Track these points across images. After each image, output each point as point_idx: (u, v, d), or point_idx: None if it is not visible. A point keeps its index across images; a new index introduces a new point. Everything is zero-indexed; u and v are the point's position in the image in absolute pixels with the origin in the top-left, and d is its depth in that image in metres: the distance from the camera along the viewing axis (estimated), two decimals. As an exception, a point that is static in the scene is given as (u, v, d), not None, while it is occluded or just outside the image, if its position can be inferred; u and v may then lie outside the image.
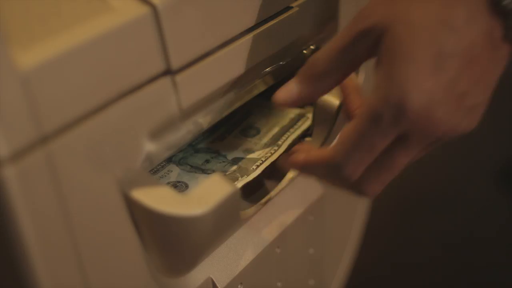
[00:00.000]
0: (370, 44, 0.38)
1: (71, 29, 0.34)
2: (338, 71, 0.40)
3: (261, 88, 0.50)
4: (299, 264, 0.58)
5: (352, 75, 0.43)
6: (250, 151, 0.51)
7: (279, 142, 0.52)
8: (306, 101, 0.42)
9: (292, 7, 0.48)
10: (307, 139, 0.55)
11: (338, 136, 0.39)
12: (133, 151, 0.39)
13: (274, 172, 0.52)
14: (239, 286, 0.49)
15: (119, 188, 0.38)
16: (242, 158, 0.51)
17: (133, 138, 0.39)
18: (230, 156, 0.51)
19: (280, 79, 0.52)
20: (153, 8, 0.37)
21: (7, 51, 0.31)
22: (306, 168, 0.42)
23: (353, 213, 0.67)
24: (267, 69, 0.49)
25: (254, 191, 0.51)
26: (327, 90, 0.42)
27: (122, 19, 0.36)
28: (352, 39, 0.38)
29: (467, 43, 0.36)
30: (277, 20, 0.47)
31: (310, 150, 0.42)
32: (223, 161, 0.51)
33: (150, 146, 0.40)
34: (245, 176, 0.48)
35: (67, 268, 0.36)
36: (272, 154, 0.50)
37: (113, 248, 0.39)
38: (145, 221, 0.39)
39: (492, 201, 1.24)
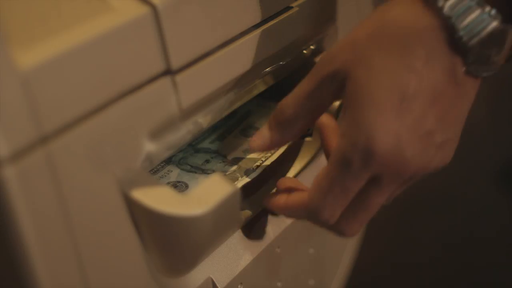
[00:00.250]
0: (334, 88, 0.38)
1: (71, 29, 0.34)
2: (306, 116, 0.41)
3: (261, 88, 0.50)
4: (299, 264, 0.58)
5: (329, 116, 0.45)
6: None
7: None
8: (280, 145, 0.43)
9: (292, 7, 0.48)
10: (307, 139, 0.55)
11: (313, 180, 0.40)
12: (133, 151, 0.39)
13: (274, 172, 0.52)
14: (239, 286, 0.49)
15: (119, 188, 0.38)
16: (242, 158, 0.51)
17: (133, 138, 0.39)
18: (230, 156, 0.51)
19: (280, 79, 0.52)
20: (153, 8, 0.37)
21: (7, 51, 0.31)
22: (287, 212, 0.43)
23: (353, 213, 0.67)
24: (267, 69, 0.49)
25: (254, 191, 0.51)
26: (298, 134, 0.43)
27: (122, 19, 0.36)
28: (317, 85, 0.39)
29: (429, 82, 0.36)
30: (277, 20, 0.47)
31: (290, 193, 0.43)
32: (223, 161, 0.51)
33: (150, 146, 0.40)
34: (245, 176, 0.48)
35: (67, 268, 0.36)
36: (272, 154, 0.50)
37: (113, 248, 0.39)
38: (145, 221, 0.39)
39: (492, 201, 1.24)
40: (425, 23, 0.36)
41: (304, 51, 0.53)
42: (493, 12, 0.35)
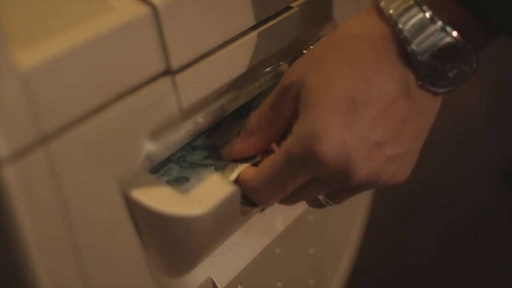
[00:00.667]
0: (292, 96, 0.39)
1: (71, 29, 0.34)
2: (269, 126, 0.41)
3: (261, 88, 0.50)
4: (299, 264, 0.58)
5: None
6: None
7: None
8: (246, 154, 0.44)
9: (292, 7, 0.48)
10: None
11: (261, 163, 0.41)
12: (133, 151, 0.39)
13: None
14: (239, 286, 0.49)
15: (119, 188, 0.38)
16: None
17: (133, 138, 0.39)
18: None
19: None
20: (153, 8, 0.37)
21: (7, 51, 0.31)
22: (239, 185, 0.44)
23: (353, 213, 0.67)
24: (267, 69, 0.49)
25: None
26: (261, 145, 0.43)
27: (122, 19, 0.36)
28: (277, 95, 0.40)
29: (379, 90, 0.36)
30: (277, 20, 0.47)
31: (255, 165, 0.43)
32: None
33: (150, 146, 0.40)
34: (245, 162, 0.47)
35: (67, 268, 0.36)
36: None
37: (113, 248, 0.39)
38: (145, 221, 0.39)
39: (492, 201, 1.24)
40: (376, 32, 0.37)
41: (304, 51, 0.53)
42: (448, 28, 0.36)
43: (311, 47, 0.53)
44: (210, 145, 0.51)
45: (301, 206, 0.55)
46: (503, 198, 1.24)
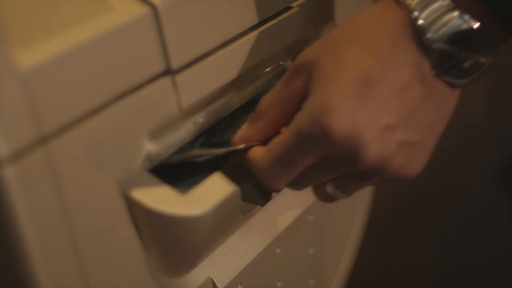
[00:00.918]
0: (304, 77, 0.38)
1: (71, 29, 0.34)
2: (279, 107, 0.41)
3: (261, 88, 0.50)
4: (299, 264, 0.58)
5: None
6: None
7: None
8: (256, 139, 0.42)
9: (292, 7, 0.48)
10: None
11: (270, 142, 0.40)
12: (133, 151, 0.39)
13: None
14: (239, 286, 0.49)
15: (119, 188, 0.38)
16: None
17: (133, 138, 0.39)
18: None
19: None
20: (153, 8, 0.37)
21: (7, 51, 0.31)
22: (243, 159, 0.43)
23: (353, 213, 0.67)
24: (267, 69, 0.49)
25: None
26: (271, 128, 0.42)
27: (122, 19, 0.36)
28: (289, 75, 0.40)
29: (393, 72, 0.36)
30: (277, 20, 0.47)
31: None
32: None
33: (150, 146, 0.40)
34: None
35: (67, 268, 0.36)
36: None
37: (113, 248, 0.39)
38: (145, 221, 0.39)
39: (492, 201, 1.24)
40: (392, 17, 0.37)
41: (304, 51, 0.53)
42: (466, 15, 0.36)
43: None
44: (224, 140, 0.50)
45: (301, 206, 0.55)
46: (503, 198, 1.24)
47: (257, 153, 0.41)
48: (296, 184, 0.42)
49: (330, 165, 0.38)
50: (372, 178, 0.39)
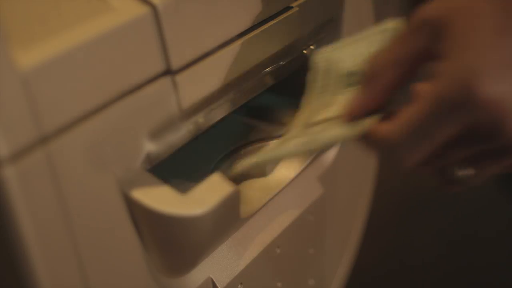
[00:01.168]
0: (428, 33, 0.35)
1: (71, 29, 0.34)
2: (395, 67, 0.37)
3: (261, 88, 0.50)
4: (299, 264, 0.58)
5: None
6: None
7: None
8: (369, 106, 0.38)
9: (292, 7, 0.48)
10: None
11: (400, 114, 0.35)
12: (133, 151, 0.39)
13: (274, 172, 0.52)
14: (239, 286, 0.49)
15: (119, 188, 0.38)
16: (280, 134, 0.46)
17: (133, 138, 0.39)
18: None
19: (280, 79, 0.52)
20: (153, 8, 0.37)
21: (7, 51, 0.31)
22: (367, 138, 0.38)
23: (353, 213, 0.67)
24: (267, 69, 0.49)
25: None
26: (384, 92, 0.37)
27: (122, 19, 0.36)
28: (410, 32, 0.36)
29: None
30: (277, 20, 0.47)
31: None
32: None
33: (150, 146, 0.40)
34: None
35: (67, 268, 0.36)
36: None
37: (113, 248, 0.39)
38: (145, 221, 0.39)
39: (492, 201, 1.24)
40: None
41: (304, 51, 0.53)
42: None
43: (311, 47, 0.53)
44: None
45: (301, 206, 0.54)
46: (503, 198, 1.24)
47: (383, 129, 0.36)
48: (428, 164, 0.38)
49: (470, 138, 0.35)
50: (508, 158, 0.37)
